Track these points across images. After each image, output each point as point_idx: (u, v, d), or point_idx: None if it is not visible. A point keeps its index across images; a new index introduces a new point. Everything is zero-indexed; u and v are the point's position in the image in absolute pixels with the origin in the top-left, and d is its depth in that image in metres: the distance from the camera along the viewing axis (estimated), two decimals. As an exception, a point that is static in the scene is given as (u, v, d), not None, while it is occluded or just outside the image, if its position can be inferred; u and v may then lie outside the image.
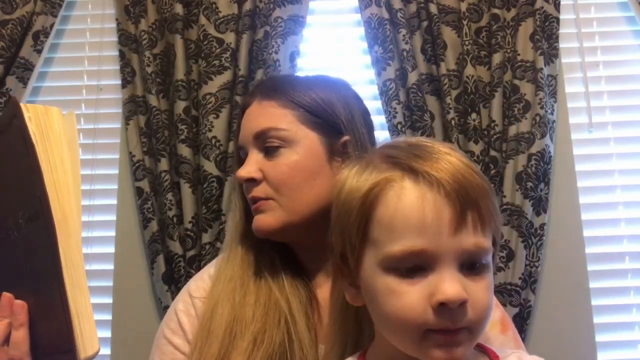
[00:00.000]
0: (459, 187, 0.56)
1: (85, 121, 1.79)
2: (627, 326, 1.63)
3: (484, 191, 0.58)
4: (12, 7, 1.73)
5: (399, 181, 0.58)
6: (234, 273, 0.85)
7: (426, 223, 0.55)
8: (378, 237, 0.58)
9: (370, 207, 0.59)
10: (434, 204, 0.56)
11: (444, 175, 0.57)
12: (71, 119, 0.66)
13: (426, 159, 0.59)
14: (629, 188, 1.69)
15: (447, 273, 0.55)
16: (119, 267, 1.69)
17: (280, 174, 0.82)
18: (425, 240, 0.55)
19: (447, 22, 1.68)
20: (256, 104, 0.86)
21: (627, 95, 1.74)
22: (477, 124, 1.61)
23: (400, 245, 0.56)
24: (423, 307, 0.55)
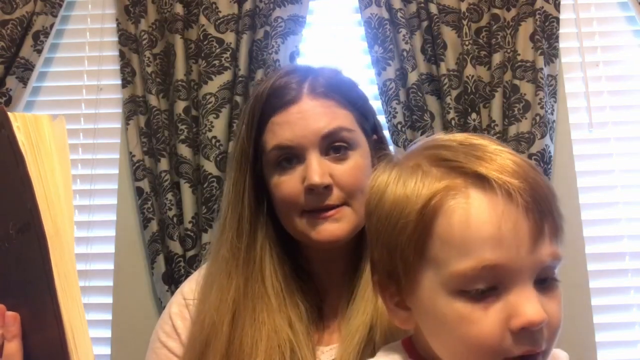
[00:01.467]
0: (534, 194, 0.50)
1: (85, 121, 1.80)
2: (627, 326, 1.63)
3: (553, 193, 0.52)
4: (12, 7, 1.73)
5: (463, 189, 0.50)
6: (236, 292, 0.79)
7: (502, 236, 0.48)
8: (440, 254, 0.51)
9: (429, 221, 0.51)
10: (509, 214, 0.49)
11: (517, 181, 0.49)
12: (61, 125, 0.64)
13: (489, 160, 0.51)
14: (629, 187, 1.69)
15: (525, 292, 0.49)
16: (119, 267, 1.69)
17: (354, 178, 0.77)
18: (501, 255, 0.48)
19: (447, 22, 1.68)
20: (310, 101, 0.78)
21: (627, 94, 1.74)
22: (477, 124, 1.61)
23: (471, 261, 0.48)
24: (501, 333, 0.49)
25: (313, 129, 0.77)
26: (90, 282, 1.70)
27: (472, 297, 0.49)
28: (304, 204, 0.77)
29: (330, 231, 0.77)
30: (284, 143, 0.78)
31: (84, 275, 1.70)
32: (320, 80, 0.81)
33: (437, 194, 0.51)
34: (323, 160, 0.77)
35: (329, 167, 0.77)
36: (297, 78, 0.81)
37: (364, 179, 0.77)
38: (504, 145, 0.55)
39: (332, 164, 0.77)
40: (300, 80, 0.81)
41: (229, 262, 0.81)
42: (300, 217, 0.78)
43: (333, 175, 0.77)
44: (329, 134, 0.77)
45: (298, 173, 0.78)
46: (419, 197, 0.51)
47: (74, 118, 1.80)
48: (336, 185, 0.77)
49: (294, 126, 0.77)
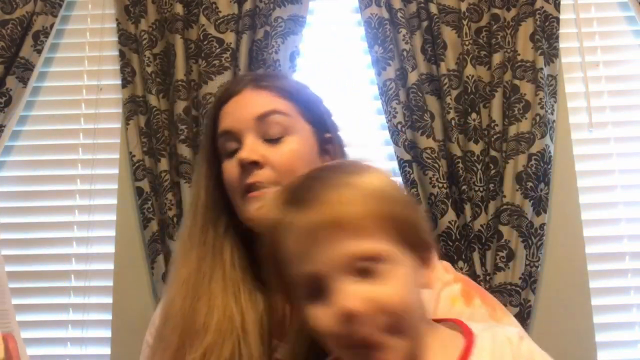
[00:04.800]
0: (323, 215, 0.58)
1: (85, 121, 1.79)
2: (627, 326, 1.63)
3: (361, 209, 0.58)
4: (12, 7, 1.73)
5: (286, 220, 0.60)
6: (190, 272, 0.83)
7: (300, 252, 0.58)
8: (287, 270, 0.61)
9: (274, 247, 0.62)
10: (295, 236, 0.59)
11: (296, 210, 0.59)
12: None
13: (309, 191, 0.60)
14: (629, 187, 1.69)
15: (340, 286, 0.56)
16: (119, 267, 1.69)
17: (285, 160, 0.81)
18: (308, 265, 0.58)
19: (447, 22, 1.68)
20: (250, 92, 0.85)
21: (627, 95, 1.74)
22: (477, 124, 1.61)
23: (297, 271, 0.59)
24: (334, 322, 0.56)
25: (248, 112, 0.83)
26: (90, 282, 1.70)
27: (308, 299, 0.59)
28: (240, 184, 0.81)
29: (255, 209, 0.79)
30: (225, 129, 0.84)
31: (84, 275, 1.70)
32: (264, 77, 0.89)
33: (274, 225, 0.62)
34: (258, 142, 0.81)
35: (263, 148, 0.81)
36: (246, 78, 0.90)
37: (298, 164, 0.81)
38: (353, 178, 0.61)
39: (267, 146, 0.81)
40: (247, 79, 0.89)
41: (185, 243, 0.85)
42: (241, 199, 0.82)
43: (266, 156, 0.81)
44: (262, 115, 0.82)
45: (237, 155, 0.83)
46: (269, 227, 0.63)
47: (74, 118, 1.80)
48: (268, 165, 0.80)
49: (233, 113, 0.84)
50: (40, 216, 1.75)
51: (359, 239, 0.57)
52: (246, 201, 0.81)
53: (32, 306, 1.69)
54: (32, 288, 1.70)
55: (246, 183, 0.81)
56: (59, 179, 1.77)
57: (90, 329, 1.68)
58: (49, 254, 1.72)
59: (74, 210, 1.74)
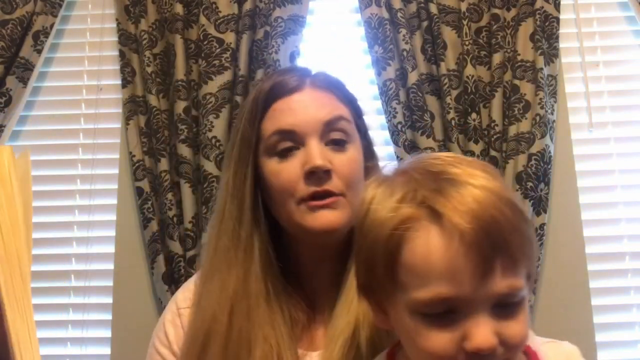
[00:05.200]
0: (483, 232, 0.53)
1: (85, 121, 1.79)
2: (627, 326, 1.63)
3: (514, 228, 0.55)
4: (12, 7, 1.73)
5: (424, 222, 0.55)
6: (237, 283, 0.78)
7: (452, 272, 0.53)
8: (405, 280, 0.56)
9: (396, 248, 0.56)
10: (458, 252, 0.53)
11: (468, 219, 0.53)
12: (25, 159, 0.65)
13: (449, 197, 0.55)
14: (629, 187, 1.69)
15: (478, 319, 0.54)
16: (119, 267, 1.69)
17: (351, 170, 0.78)
18: (452, 289, 0.53)
19: (447, 22, 1.68)
20: (312, 91, 0.80)
21: (627, 95, 1.74)
22: (477, 124, 1.61)
23: (428, 292, 0.54)
24: (455, 350, 0.54)
25: (315, 115, 0.78)
26: (90, 282, 1.70)
27: (431, 319, 0.55)
28: (303, 190, 0.76)
29: (327, 218, 0.76)
30: (285, 127, 0.78)
31: (84, 275, 1.70)
32: (320, 76, 0.84)
33: (401, 225, 0.56)
34: (324, 147, 0.77)
35: (329, 154, 0.77)
36: (298, 73, 0.83)
37: (359, 173, 0.79)
38: (485, 172, 0.58)
39: (332, 153, 0.78)
40: (301, 74, 0.83)
41: (230, 251, 0.80)
42: (297, 206, 0.77)
43: (333, 163, 0.77)
44: (330, 121, 0.78)
45: (297, 159, 0.77)
46: (387, 225, 0.57)
47: (74, 118, 1.80)
48: (335, 173, 0.77)
49: (295, 112, 0.78)
50: (40, 216, 1.75)
51: (511, 273, 0.54)
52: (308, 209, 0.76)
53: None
54: (32, 288, 1.68)
55: (315, 190, 0.76)
56: (59, 179, 1.77)
57: (90, 329, 1.68)
58: (49, 254, 1.72)
59: (74, 210, 1.74)
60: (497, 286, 0.54)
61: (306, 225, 0.77)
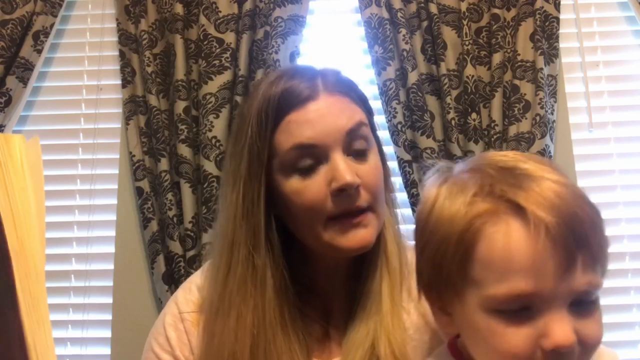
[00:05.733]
0: (567, 227, 0.52)
1: (85, 121, 1.79)
2: (627, 326, 1.63)
3: (593, 224, 0.54)
4: (12, 7, 1.73)
5: (503, 217, 0.53)
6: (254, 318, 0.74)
7: (534, 266, 0.51)
8: (479, 276, 0.54)
9: (471, 243, 0.54)
10: (541, 246, 0.51)
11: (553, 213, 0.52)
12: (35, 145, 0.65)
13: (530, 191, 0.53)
14: (629, 187, 1.69)
15: (557, 316, 0.52)
16: (119, 267, 1.69)
17: (376, 178, 0.74)
18: (533, 284, 0.51)
19: (447, 22, 1.68)
20: (328, 98, 0.74)
21: (627, 95, 1.74)
22: (477, 124, 1.61)
23: (506, 287, 0.52)
24: (531, 349, 0.52)
25: (336, 125, 0.72)
26: (90, 282, 1.70)
27: (507, 316, 0.53)
28: (331, 208, 0.71)
29: (361, 238, 0.72)
30: (304, 142, 0.71)
31: (84, 275, 1.70)
32: (330, 78, 0.77)
33: (479, 217, 0.54)
34: (348, 160, 0.72)
35: (354, 167, 0.72)
36: (307, 76, 0.76)
37: (382, 180, 0.75)
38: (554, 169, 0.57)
39: (356, 164, 0.73)
40: (311, 77, 0.76)
41: (245, 283, 0.74)
42: (324, 226, 0.72)
43: (359, 175, 0.72)
44: (352, 129, 0.72)
45: (322, 175, 0.72)
46: (461, 220, 0.55)
47: (74, 118, 1.80)
48: (362, 186, 0.72)
49: (315, 124, 0.71)
50: (40, 216, 1.75)
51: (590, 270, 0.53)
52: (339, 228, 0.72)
53: (32, 306, 1.69)
54: (32, 288, 1.70)
55: (346, 208, 0.71)
56: (58, 179, 1.77)
57: (90, 329, 1.68)
58: (48, 254, 1.72)
59: (74, 210, 1.74)
60: (578, 282, 0.52)
61: (338, 245, 0.72)
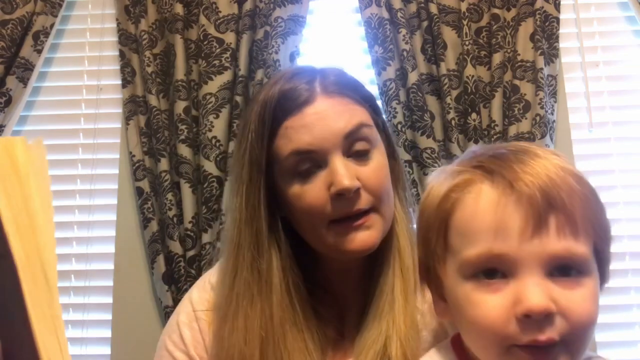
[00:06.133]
0: (537, 189, 0.51)
1: (85, 121, 1.80)
2: (627, 326, 1.63)
3: (575, 193, 0.52)
4: (12, 7, 1.73)
5: (478, 184, 0.54)
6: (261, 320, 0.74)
7: (501, 226, 0.51)
8: (455, 243, 0.55)
9: (448, 212, 0.55)
10: (506, 206, 0.51)
11: (524, 176, 0.51)
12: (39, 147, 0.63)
13: (507, 160, 0.54)
14: (629, 187, 1.69)
15: (530, 280, 0.50)
16: (119, 267, 1.69)
17: (380, 180, 0.73)
18: (501, 244, 0.51)
19: (447, 22, 1.68)
20: (325, 100, 0.73)
21: (627, 94, 1.74)
22: (477, 124, 1.61)
23: (476, 249, 0.52)
24: (505, 317, 0.50)
25: (333, 129, 0.71)
26: (90, 282, 1.70)
27: (481, 281, 0.52)
28: (331, 212, 0.71)
29: (363, 240, 0.72)
30: (303, 147, 0.71)
31: (84, 275, 1.70)
32: (330, 79, 0.76)
33: (457, 187, 0.55)
34: (348, 162, 0.71)
35: (354, 169, 0.71)
36: (305, 79, 0.75)
37: (387, 179, 0.74)
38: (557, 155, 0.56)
39: (357, 165, 0.72)
40: (309, 80, 0.75)
41: (251, 285, 0.75)
42: (327, 229, 0.72)
43: (360, 177, 0.71)
44: (350, 132, 0.72)
45: (321, 180, 0.72)
46: (442, 194, 0.56)
47: (74, 118, 1.80)
48: (364, 188, 0.71)
49: (312, 128, 0.71)
50: (40, 216, 1.75)
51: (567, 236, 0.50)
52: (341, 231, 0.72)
53: (32, 306, 1.69)
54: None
55: (346, 212, 0.71)
56: (59, 179, 1.77)
57: (90, 329, 1.68)
58: (49, 254, 1.72)
59: (74, 210, 1.74)
60: (551, 245, 0.50)
61: (340, 248, 0.72)
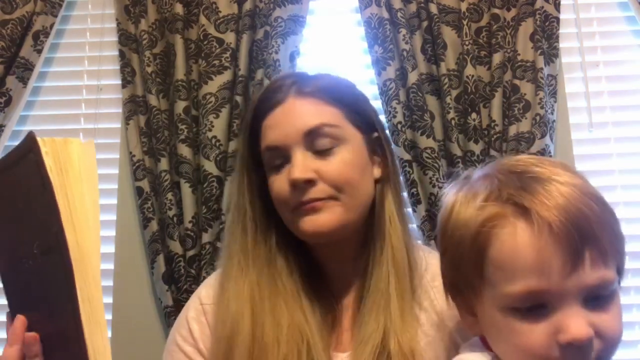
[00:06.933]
0: (571, 225, 0.54)
1: (85, 121, 1.80)
2: (627, 326, 1.63)
3: (602, 221, 0.57)
4: (12, 7, 1.73)
5: (511, 219, 0.56)
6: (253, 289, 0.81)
7: (542, 264, 0.54)
8: (493, 277, 0.57)
9: (483, 245, 0.57)
10: (547, 245, 0.54)
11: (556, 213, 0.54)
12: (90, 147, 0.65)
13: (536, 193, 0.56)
14: (629, 187, 1.69)
15: (571, 311, 0.54)
16: (119, 267, 1.69)
17: (340, 172, 0.79)
18: (543, 281, 0.54)
19: (447, 22, 1.68)
20: (294, 101, 0.82)
21: (628, 95, 1.74)
22: (477, 123, 1.61)
23: (518, 286, 0.55)
24: (548, 345, 0.54)
25: (296, 126, 0.79)
26: (90, 282, 1.69)
27: (522, 313, 0.55)
28: (291, 200, 0.79)
29: (313, 221, 0.78)
30: (271, 144, 0.81)
31: (84, 275, 1.70)
32: (308, 82, 0.84)
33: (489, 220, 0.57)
34: (308, 157, 0.79)
35: (314, 163, 0.79)
36: (287, 81, 0.84)
37: (351, 174, 0.80)
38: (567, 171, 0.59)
39: (318, 160, 0.79)
40: (289, 83, 0.84)
41: (240, 258, 0.84)
42: (291, 214, 0.80)
43: (318, 170, 0.78)
44: (310, 130, 0.79)
45: (286, 171, 0.80)
46: (473, 224, 0.58)
47: (74, 118, 1.80)
48: (322, 180, 0.78)
49: (279, 126, 0.81)
50: (40, 216, 1.75)
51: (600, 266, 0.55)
52: (299, 215, 0.79)
53: (32, 306, 1.69)
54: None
55: (300, 201, 0.79)
56: (59, 179, 1.77)
57: (90, 329, 1.68)
58: (49, 254, 1.72)
59: (74, 210, 1.74)
60: (588, 278, 0.54)
61: (299, 230, 0.80)
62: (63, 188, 0.60)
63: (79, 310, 0.60)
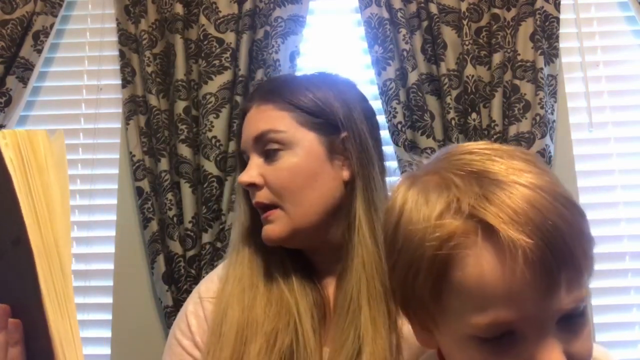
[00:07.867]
0: (546, 246, 0.47)
1: (85, 121, 1.80)
2: (627, 326, 1.63)
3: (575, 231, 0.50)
4: (12, 7, 1.73)
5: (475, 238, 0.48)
6: (243, 274, 0.85)
7: (514, 294, 0.47)
8: (455, 305, 0.50)
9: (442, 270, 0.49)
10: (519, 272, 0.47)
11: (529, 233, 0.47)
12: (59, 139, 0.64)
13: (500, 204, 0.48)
14: (629, 187, 1.69)
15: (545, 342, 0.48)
16: (119, 267, 1.69)
17: (280, 178, 0.81)
18: (515, 312, 0.47)
19: (447, 22, 1.68)
20: (255, 109, 0.86)
21: (628, 95, 1.74)
22: (477, 124, 1.61)
23: (486, 318, 0.48)
24: None
25: (249, 132, 0.85)
26: (90, 282, 1.70)
27: (489, 344, 0.49)
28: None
29: (266, 230, 0.82)
30: (239, 148, 0.88)
31: (84, 275, 1.70)
32: (266, 87, 0.90)
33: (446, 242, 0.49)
34: (260, 162, 0.83)
35: (263, 167, 0.83)
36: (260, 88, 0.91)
37: (297, 180, 0.81)
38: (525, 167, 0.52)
39: (267, 165, 0.83)
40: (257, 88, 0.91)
41: (237, 244, 0.88)
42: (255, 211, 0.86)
43: (263, 175, 0.82)
44: (256, 137, 0.83)
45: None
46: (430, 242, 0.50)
47: (74, 118, 1.80)
48: (266, 185, 0.82)
49: (243, 132, 0.87)
50: (40, 216, 1.75)
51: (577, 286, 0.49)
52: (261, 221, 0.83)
53: (32, 306, 1.69)
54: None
55: (253, 202, 0.83)
56: (59, 179, 1.77)
57: (90, 329, 1.68)
58: (49, 254, 1.72)
59: (74, 210, 1.74)
60: (563, 302, 0.48)
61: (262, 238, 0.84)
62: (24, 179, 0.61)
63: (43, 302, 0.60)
